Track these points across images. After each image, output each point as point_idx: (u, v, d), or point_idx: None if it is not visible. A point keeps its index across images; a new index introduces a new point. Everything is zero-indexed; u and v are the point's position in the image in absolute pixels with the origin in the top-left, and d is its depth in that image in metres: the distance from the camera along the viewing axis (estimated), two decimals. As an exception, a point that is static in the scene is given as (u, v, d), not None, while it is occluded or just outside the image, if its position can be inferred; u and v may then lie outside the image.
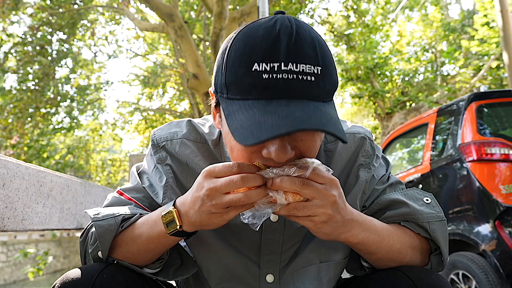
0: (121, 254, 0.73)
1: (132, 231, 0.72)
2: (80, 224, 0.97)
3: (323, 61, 0.62)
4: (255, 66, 0.59)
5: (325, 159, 0.82)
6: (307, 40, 0.61)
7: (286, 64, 0.59)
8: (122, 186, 0.85)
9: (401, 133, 3.66)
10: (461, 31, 11.83)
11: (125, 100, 15.41)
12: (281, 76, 0.59)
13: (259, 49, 0.60)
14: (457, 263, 2.50)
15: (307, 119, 0.57)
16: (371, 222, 0.71)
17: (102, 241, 0.71)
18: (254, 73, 0.59)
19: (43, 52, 9.52)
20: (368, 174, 0.83)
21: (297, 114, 0.57)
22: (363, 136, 0.85)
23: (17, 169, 0.71)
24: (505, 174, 2.38)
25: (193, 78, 8.08)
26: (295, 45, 0.60)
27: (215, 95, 0.69)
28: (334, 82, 0.65)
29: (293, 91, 0.59)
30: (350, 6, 10.83)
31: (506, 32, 6.54)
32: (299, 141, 0.63)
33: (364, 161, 0.83)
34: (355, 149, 0.83)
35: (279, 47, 0.59)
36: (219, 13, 6.67)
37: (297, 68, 0.59)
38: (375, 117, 12.34)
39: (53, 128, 10.81)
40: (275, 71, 0.59)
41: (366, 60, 11.28)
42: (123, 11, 10.42)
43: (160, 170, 0.81)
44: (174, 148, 0.81)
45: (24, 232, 2.04)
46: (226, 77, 0.63)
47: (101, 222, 0.71)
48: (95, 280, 0.66)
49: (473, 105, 2.67)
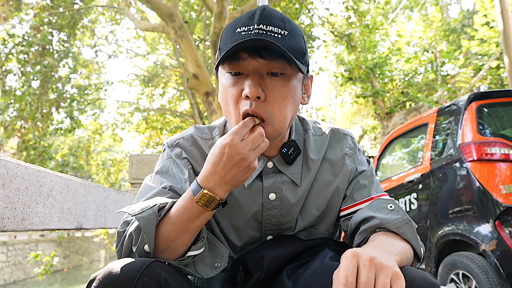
0: (163, 244, 0.75)
1: (170, 217, 0.75)
2: (80, 224, 0.97)
3: (290, 28, 0.78)
4: (237, 30, 0.76)
5: (316, 146, 0.93)
6: (277, 14, 0.78)
7: (258, 25, 0.75)
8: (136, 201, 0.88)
9: (401, 133, 3.66)
10: (461, 31, 11.83)
11: (125, 100, 15.43)
12: (254, 32, 0.75)
13: (240, 20, 0.78)
14: (457, 263, 2.50)
15: (268, 42, 0.72)
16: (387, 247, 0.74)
17: (146, 232, 0.73)
18: (236, 33, 0.76)
19: (45, 53, 9.52)
20: (353, 164, 0.93)
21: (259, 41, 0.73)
22: (345, 133, 0.97)
23: (17, 169, 0.71)
24: (505, 174, 2.38)
25: (193, 78, 8.08)
26: (266, 16, 0.77)
27: (216, 71, 0.85)
28: (300, 45, 0.78)
29: (262, 39, 0.73)
30: (350, 6, 10.82)
31: (506, 32, 6.54)
32: (269, 89, 0.77)
33: (348, 152, 0.94)
34: (340, 141, 0.95)
35: (253, 16, 0.77)
36: (219, 13, 6.67)
37: (267, 28, 0.75)
38: (375, 117, 12.34)
39: (54, 128, 10.81)
40: (250, 30, 0.75)
41: (366, 60, 11.28)
42: (123, 11, 10.42)
43: (179, 164, 0.88)
44: (187, 143, 0.90)
45: (24, 232, 2.05)
46: (219, 43, 0.81)
47: (141, 215, 0.74)
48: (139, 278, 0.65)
49: (473, 105, 2.67)
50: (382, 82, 12.23)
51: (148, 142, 13.97)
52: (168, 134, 13.61)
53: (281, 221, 0.89)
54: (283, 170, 0.88)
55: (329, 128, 0.96)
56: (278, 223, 0.89)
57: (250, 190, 0.88)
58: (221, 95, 0.83)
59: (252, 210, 0.88)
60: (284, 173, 0.88)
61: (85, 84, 12.27)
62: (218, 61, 0.78)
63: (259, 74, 0.77)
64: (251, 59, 0.76)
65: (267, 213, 0.88)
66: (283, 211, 0.88)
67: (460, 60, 10.27)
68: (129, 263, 0.68)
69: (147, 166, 2.39)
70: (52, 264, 7.33)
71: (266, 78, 0.77)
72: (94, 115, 13.56)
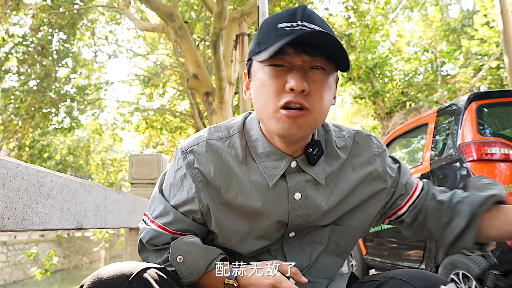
0: None
1: None
2: (80, 224, 0.97)
3: (329, 29, 0.79)
4: (278, 25, 0.76)
5: (338, 146, 0.91)
6: (317, 15, 0.79)
7: (302, 22, 0.76)
8: (151, 213, 0.90)
9: (401, 133, 3.66)
10: (461, 31, 11.84)
11: (125, 100, 15.43)
12: (298, 28, 0.75)
13: (281, 16, 0.78)
14: (457, 263, 2.50)
15: (314, 36, 0.73)
16: None
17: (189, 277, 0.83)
18: (279, 29, 0.76)
19: (44, 53, 9.52)
20: (383, 164, 0.92)
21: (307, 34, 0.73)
22: (368, 134, 0.95)
23: (17, 169, 0.71)
24: (505, 174, 2.38)
25: (193, 78, 8.08)
26: (308, 15, 0.77)
27: (247, 64, 0.85)
28: (340, 45, 0.76)
29: (312, 35, 0.74)
30: (350, 6, 10.82)
31: (506, 32, 6.54)
32: (311, 82, 0.76)
33: (377, 151, 0.93)
34: (366, 142, 0.94)
35: (296, 14, 0.77)
36: (219, 13, 6.67)
37: (310, 26, 0.75)
38: (375, 117, 12.34)
39: (54, 128, 10.81)
40: (294, 26, 0.75)
41: (366, 60, 11.28)
42: (123, 11, 10.42)
43: (189, 178, 0.86)
44: (202, 150, 0.87)
45: (24, 232, 2.04)
46: (258, 37, 0.80)
47: (192, 274, 0.83)
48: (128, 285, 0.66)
49: (473, 105, 2.66)
50: (382, 82, 12.23)
51: (148, 142, 13.97)
52: (168, 134, 13.61)
53: (307, 220, 0.87)
54: (306, 170, 0.86)
55: (352, 130, 0.95)
56: (304, 222, 0.88)
57: (275, 190, 0.86)
58: (257, 88, 0.81)
59: (278, 212, 0.86)
60: (308, 172, 0.86)
61: (85, 84, 12.27)
62: (259, 56, 0.77)
63: (303, 68, 0.77)
64: (296, 55, 0.76)
65: (294, 213, 0.86)
66: (309, 211, 0.87)
67: (460, 60, 10.28)
68: (119, 269, 0.67)
69: (147, 166, 2.39)
70: (53, 264, 7.31)
71: (308, 72, 0.77)
72: (94, 115, 13.58)
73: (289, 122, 0.76)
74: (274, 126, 0.78)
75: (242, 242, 0.88)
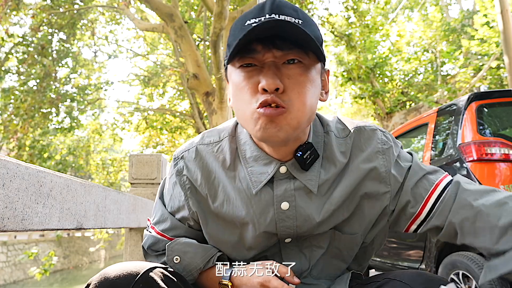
0: None
1: None
2: (80, 224, 0.97)
3: (304, 17, 0.72)
4: (246, 22, 0.71)
5: (339, 149, 0.82)
6: (288, 4, 0.72)
7: (270, 15, 0.69)
8: (152, 219, 0.92)
9: (401, 133, 3.66)
10: (461, 31, 11.83)
11: (125, 100, 15.43)
12: (265, 21, 0.67)
13: (250, 13, 0.72)
14: (457, 263, 2.50)
15: (280, 26, 0.67)
16: None
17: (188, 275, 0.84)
18: (246, 26, 0.70)
19: (44, 53, 9.52)
20: (387, 162, 0.81)
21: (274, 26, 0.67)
22: (373, 128, 0.85)
23: (17, 169, 0.71)
24: (505, 174, 2.38)
25: (193, 78, 8.08)
26: (277, 5, 0.71)
27: (225, 69, 0.79)
28: (316, 33, 0.72)
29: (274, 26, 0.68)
30: (350, 6, 10.82)
31: (506, 32, 6.54)
32: (286, 78, 0.70)
33: (381, 148, 0.82)
34: (368, 139, 0.83)
35: (264, 7, 0.71)
36: (219, 13, 6.66)
37: (279, 17, 0.69)
38: (375, 117, 12.34)
39: (54, 128, 10.81)
40: (261, 20, 0.69)
41: (366, 60, 11.28)
42: (123, 11, 10.42)
43: (178, 186, 0.86)
44: (191, 156, 0.85)
45: (24, 232, 2.04)
46: (228, 39, 0.75)
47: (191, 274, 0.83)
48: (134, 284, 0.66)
49: (473, 105, 2.66)
50: (382, 82, 12.23)
51: (148, 142, 13.97)
52: (168, 134, 13.61)
53: (298, 231, 0.81)
54: (298, 176, 0.78)
55: (354, 127, 0.84)
56: (294, 233, 0.81)
57: (259, 199, 0.79)
58: (234, 92, 0.75)
59: (263, 222, 0.80)
60: (298, 179, 0.78)
61: (85, 84, 12.27)
62: (228, 58, 0.71)
63: (275, 65, 0.70)
64: (265, 51, 0.70)
65: (281, 224, 0.80)
66: (299, 222, 0.80)
67: (460, 60, 10.27)
68: (126, 269, 0.67)
69: (147, 166, 2.39)
70: (52, 264, 7.31)
71: (282, 68, 0.70)
72: (94, 115, 13.57)
73: (266, 121, 0.69)
74: (253, 128, 0.72)
75: (234, 251, 0.85)
